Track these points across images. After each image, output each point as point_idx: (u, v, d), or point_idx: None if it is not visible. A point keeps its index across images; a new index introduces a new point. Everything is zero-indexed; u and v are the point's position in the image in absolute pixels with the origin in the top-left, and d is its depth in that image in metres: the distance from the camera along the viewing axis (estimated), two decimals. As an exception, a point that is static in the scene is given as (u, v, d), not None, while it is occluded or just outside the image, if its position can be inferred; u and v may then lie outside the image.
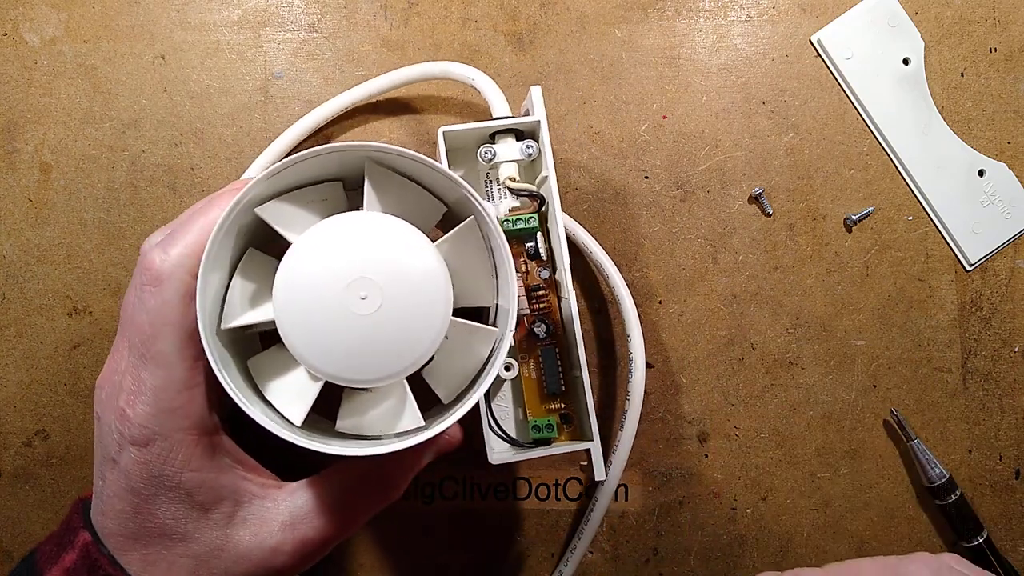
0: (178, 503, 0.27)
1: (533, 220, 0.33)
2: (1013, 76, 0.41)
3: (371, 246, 0.26)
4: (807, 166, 0.40)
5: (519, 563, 0.39)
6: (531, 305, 0.34)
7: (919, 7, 0.41)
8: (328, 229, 0.26)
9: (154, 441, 0.27)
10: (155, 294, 0.26)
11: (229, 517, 0.28)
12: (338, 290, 0.25)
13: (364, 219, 0.27)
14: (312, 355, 0.26)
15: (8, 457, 0.39)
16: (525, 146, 0.33)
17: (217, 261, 0.27)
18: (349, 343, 0.25)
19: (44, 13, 0.39)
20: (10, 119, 0.39)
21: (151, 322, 0.26)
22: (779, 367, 0.40)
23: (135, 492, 0.27)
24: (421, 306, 0.26)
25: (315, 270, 0.26)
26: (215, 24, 0.40)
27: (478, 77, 0.35)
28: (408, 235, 0.27)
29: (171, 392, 0.27)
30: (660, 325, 0.40)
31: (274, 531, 0.28)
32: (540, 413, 0.34)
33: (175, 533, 0.28)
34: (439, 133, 0.32)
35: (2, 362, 0.39)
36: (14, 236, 0.39)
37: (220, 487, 0.28)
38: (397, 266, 0.26)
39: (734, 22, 0.41)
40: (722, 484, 0.39)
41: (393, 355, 0.26)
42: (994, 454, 0.40)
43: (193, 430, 0.27)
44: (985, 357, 0.40)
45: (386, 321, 0.26)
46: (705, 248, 0.40)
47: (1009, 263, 0.41)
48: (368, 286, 0.26)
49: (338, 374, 0.26)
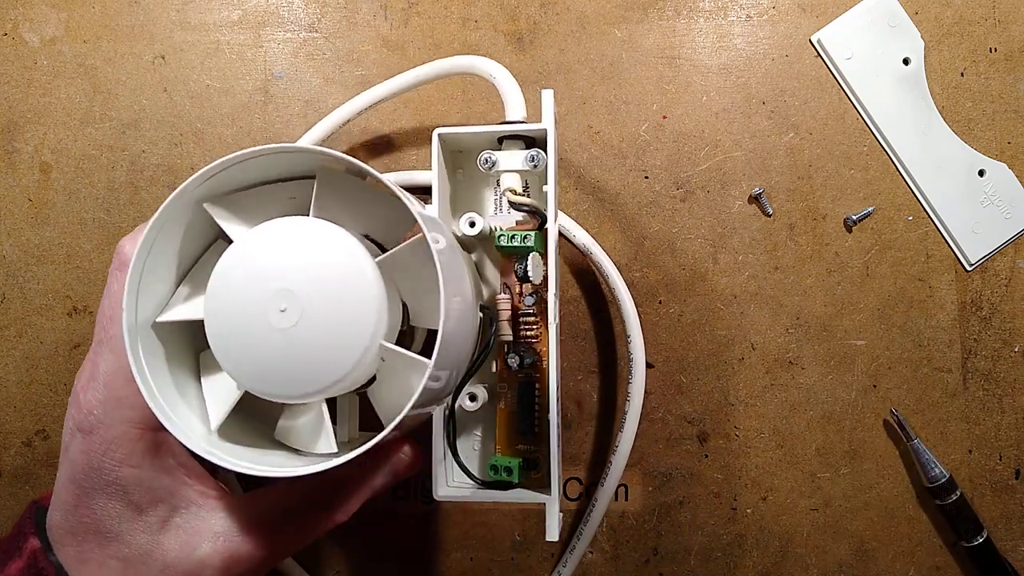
0: (114, 500, 0.27)
1: (530, 239, 0.30)
2: (1013, 76, 0.41)
3: (300, 256, 0.24)
4: (807, 166, 0.40)
5: (519, 563, 0.39)
6: (518, 332, 0.31)
7: (919, 7, 0.41)
8: (261, 234, 0.25)
9: (97, 430, 0.26)
10: (118, 279, 0.26)
11: (163, 522, 0.27)
12: (260, 300, 0.24)
13: (299, 226, 0.25)
14: (229, 363, 0.24)
15: (8, 457, 0.39)
16: (530, 156, 0.30)
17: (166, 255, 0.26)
18: (265, 357, 0.24)
19: (44, 13, 0.39)
20: (10, 119, 0.39)
21: (110, 305, 0.26)
22: (779, 367, 0.40)
23: (77, 483, 0.27)
24: (344, 328, 0.24)
25: (240, 275, 0.24)
26: (215, 24, 0.40)
27: (499, 75, 0.33)
28: (342, 246, 0.25)
29: (120, 379, 0.26)
30: (660, 325, 0.40)
31: (204, 543, 0.27)
32: (508, 452, 0.32)
33: (109, 531, 0.27)
34: (434, 135, 0.30)
35: (2, 362, 0.39)
36: (14, 236, 0.39)
37: (158, 488, 0.27)
38: (324, 279, 0.24)
39: (734, 22, 0.41)
40: (722, 484, 0.39)
41: (308, 374, 0.24)
42: (994, 454, 0.40)
43: (139, 423, 0.26)
44: (985, 357, 0.40)
45: (303, 338, 0.24)
46: (705, 248, 0.40)
47: (1009, 263, 0.41)
48: (289, 299, 0.24)
49: (252, 386, 0.25)
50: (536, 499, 0.30)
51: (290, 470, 0.25)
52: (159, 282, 0.27)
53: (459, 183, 0.33)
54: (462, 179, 0.34)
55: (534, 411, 0.32)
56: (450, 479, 0.32)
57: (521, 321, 0.31)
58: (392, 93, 0.37)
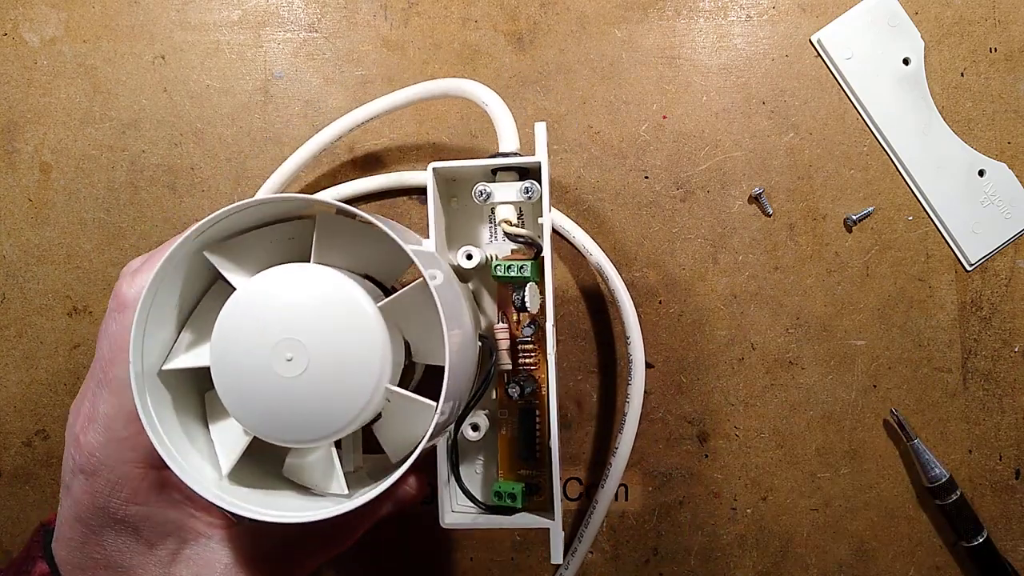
0: (124, 536, 0.27)
1: (527, 268, 0.30)
2: (1013, 76, 0.41)
3: (304, 305, 0.25)
4: (807, 166, 0.40)
5: (519, 563, 0.39)
6: (517, 360, 0.31)
7: (919, 7, 0.41)
8: (264, 282, 0.25)
9: (100, 472, 0.26)
10: (118, 320, 0.26)
11: (174, 555, 0.28)
12: (266, 349, 0.24)
13: (301, 273, 0.25)
14: (238, 410, 0.25)
15: (8, 457, 0.39)
16: (524, 188, 0.30)
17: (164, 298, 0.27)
18: (272, 404, 0.25)
19: (44, 13, 0.39)
20: (10, 119, 0.39)
21: (109, 347, 0.26)
22: (779, 367, 0.40)
23: (83, 522, 0.27)
24: (349, 374, 0.24)
25: (246, 325, 0.25)
26: (215, 24, 0.40)
27: (492, 103, 0.32)
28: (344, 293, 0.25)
29: (120, 421, 0.26)
30: (660, 325, 0.40)
31: (215, 573, 0.28)
32: (510, 477, 0.32)
33: (120, 566, 0.27)
34: (428, 169, 0.30)
35: (2, 362, 0.39)
36: (14, 236, 0.39)
37: (166, 523, 0.27)
38: (328, 327, 0.25)
39: (734, 22, 0.41)
40: (722, 484, 0.39)
41: (315, 421, 0.25)
42: (994, 454, 0.40)
43: (140, 463, 0.27)
44: (985, 357, 0.40)
45: (310, 386, 0.24)
46: (705, 248, 0.40)
47: (1009, 263, 0.41)
48: (295, 348, 0.24)
49: (262, 432, 0.25)
50: (540, 523, 0.30)
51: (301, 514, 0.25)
52: (161, 328, 0.27)
53: (454, 212, 0.34)
54: (456, 207, 0.34)
55: (535, 437, 0.32)
56: (454, 504, 0.32)
57: (519, 350, 0.32)
58: (381, 112, 0.37)
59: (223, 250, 0.27)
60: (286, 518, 0.25)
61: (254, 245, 0.28)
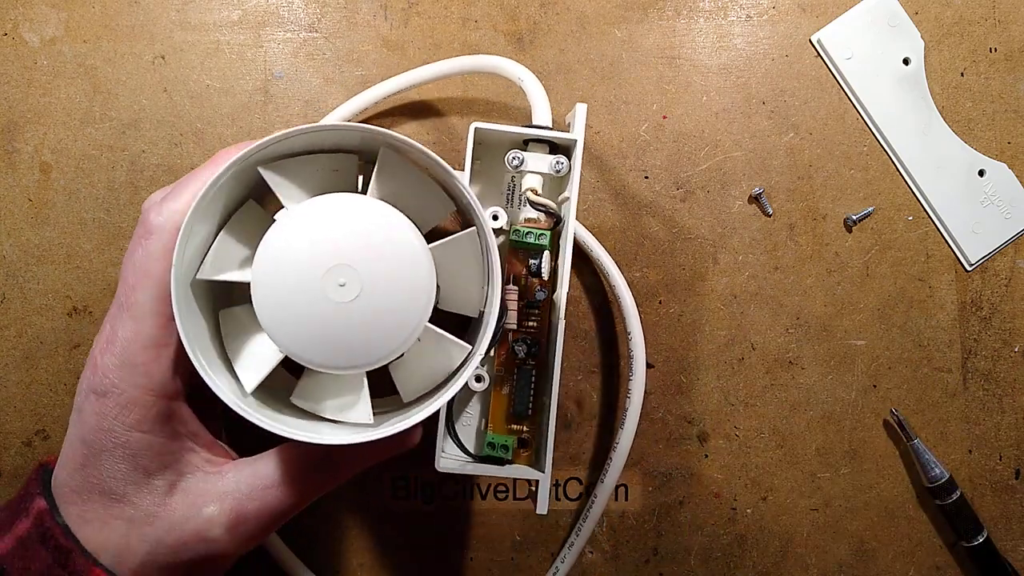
0: (122, 462, 0.27)
1: (544, 237, 0.32)
2: (1013, 76, 0.41)
3: (360, 233, 0.25)
4: (807, 166, 0.40)
5: (519, 563, 0.39)
6: (521, 322, 0.33)
7: (919, 7, 0.41)
8: (320, 207, 0.26)
9: (111, 393, 0.27)
10: (144, 246, 0.27)
11: (171, 486, 0.28)
12: (318, 272, 0.25)
13: (358, 203, 0.26)
14: (279, 331, 0.25)
15: (8, 457, 0.39)
16: (555, 161, 0.32)
17: (207, 215, 0.27)
18: (319, 328, 0.25)
19: (44, 13, 0.39)
20: (10, 119, 0.39)
21: (134, 272, 0.27)
22: (779, 367, 0.40)
23: (86, 443, 0.27)
24: (399, 304, 0.25)
25: (298, 247, 0.25)
26: (215, 24, 0.40)
27: (527, 78, 0.34)
28: (400, 229, 0.26)
29: (137, 346, 0.27)
30: (660, 325, 0.40)
31: (210, 503, 0.28)
32: (501, 431, 0.33)
33: (114, 492, 0.27)
34: (470, 128, 0.31)
35: (2, 362, 0.39)
36: (14, 236, 0.39)
37: (166, 454, 0.28)
38: (382, 259, 0.25)
39: (734, 22, 0.41)
40: (722, 484, 0.39)
41: (360, 348, 0.25)
42: (994, 454, 0.40)
43: (151, 390, 0.27)
44: (985, 357, 0.40)
45: (360, 312, 0.25)
46: (705, 248, 0.40)
47: (1009, 263, 0.41)
48: (349, 274, 0.25)
49: (302, 355, 0.25)
50: (530, 475, 0.32)
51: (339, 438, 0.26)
52: (192, 242, 0.27)
53: (475, 174, 0.35)
54: (479, 170, 0.35)
55: (530, 394, 0.33)
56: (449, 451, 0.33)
57: (527, 313, 0.33)
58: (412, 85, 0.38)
59: (273, 169, 0.28)
60: (311, 437, 0.25)
61: (300, 171, 0.28)
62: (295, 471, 0.29)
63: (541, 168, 0.32)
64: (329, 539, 0.39)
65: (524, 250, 0.33)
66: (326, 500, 0.39)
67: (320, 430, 0.27)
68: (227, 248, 0.28)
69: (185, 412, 0.28)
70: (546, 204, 0.32)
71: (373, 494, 0.39)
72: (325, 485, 0.29)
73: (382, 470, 0.39)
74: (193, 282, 0.27)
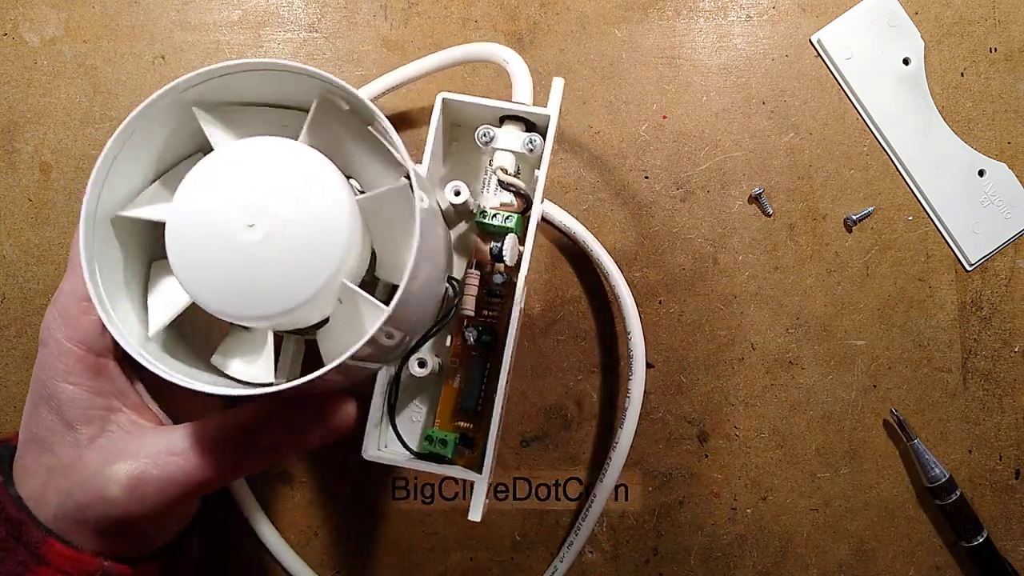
0: (51, 413, 0.27)
1: (511, 220, 0.30)
2: (1013, 76, 0.41)
3: (279, 175, 0.24)
4: (807, 166, 0.40)
5: (519, 563, 0.39)
6: (480, 310, 0.31)
7: (919, 7, 0.41)
8: (246, 147, 0.24)
9: (48, 344, 0.27)
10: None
11: (90, 440, 0.28)
12: (229, 213, 0.23)
13: (285, 146, 0.24)
14: (184, 272, 0.24)
15: (8, 457, 0.39)
16: (528, 139, 0.30)
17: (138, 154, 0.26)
18: (223, 269, 0.23)
19: (44, 13, 0.39)
20: (10, 119, 0.39)
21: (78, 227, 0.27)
22: (779, 367, 0.40)
23: (32, 396, 0.28)
24: (311, 250, 0.23)
25: (215, 183, 0.24)
26: (215, 24, 0.40)
27: (512, 59, 0.33)
28: (325, 176, 0.24)
29: (72, 299, 0.27)
30: (660, 325, 0.40)
31: (118, 461, 0.27)
32: (446, 427, 0.31)
33: (43, 441, 0.28)
34: (437, 98, 0.30)
35: (2, 362, 0.39)
36: (14, 236, 0.39)
37: (91, 407, 0.28)
38: (299, 202, 0.23)
39: (734, 22, 0.41)
40: (722, 484, 0.39)
41: (264, 295, 0.23)
42: (994, 454, 0.40)
43: (81, 342, 0.27)
44: (985, 357, 0.40)
45: (267, 256, 0.23)
46: (705, 248, 0.40)
47: (1009, 263, 0.41)
48: (260, 214, 0.23)
49: (204, 298, 0.24)
50: (466, 475, 0.30)
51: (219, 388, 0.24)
52: (128, 181, 0.26)
53: (450, 156, 0.33)
54: (455, 152, 0.33)
55: (480, 390, 0.31)
56: (381, 444, 0.31)
57: (486, 300, 0.31)
58: (405, 80, 0.37)
59: (213, 112, 0.26)
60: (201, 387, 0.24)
61: (244, 119, 0.27)
62: (208, 443, 0.28)
63: (513, 146, 0.31)
64: (329, 539, 0.39)
65: (493, 235, 0.31)
66: (327, 500, 0.39)
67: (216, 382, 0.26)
68: (158, 193, 0.27)
69: (112, 369, 0.28)
70: (515, 184, 0.31)
71: (373, 494, 0.39)
72: (240, 462, 0.28)
73: (382, 470, 0.39)
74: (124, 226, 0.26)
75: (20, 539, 0.27)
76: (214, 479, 0.28)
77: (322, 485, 0.39)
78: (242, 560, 0.39)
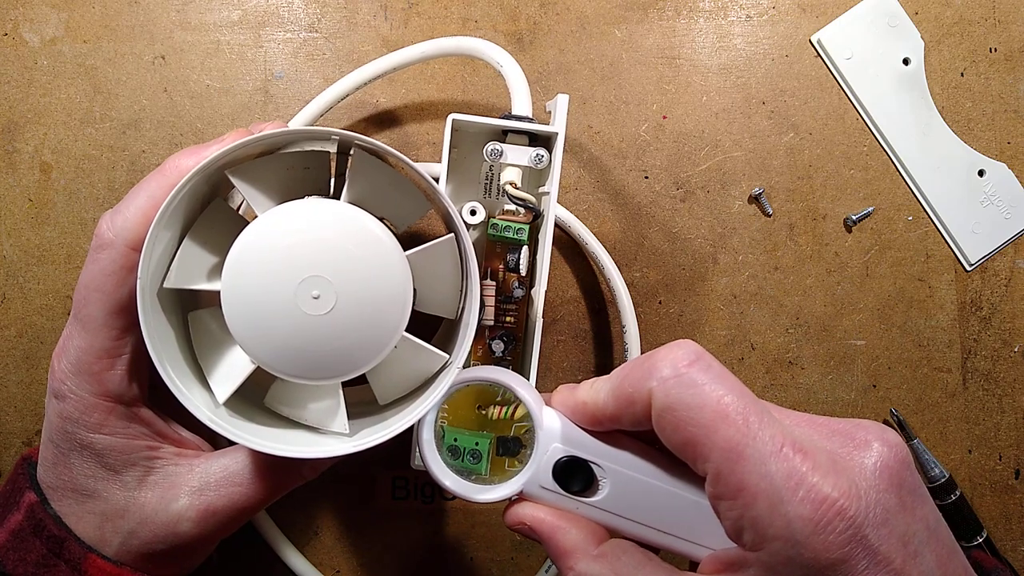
0: (89, 461, 0.28)
1: (523, 232, 0.31)
2: (1013, 76, 0.41)
3: (333, 242, 0.24)
4: (807, 166, 0.40)
5: (519, 563, 0.39)
6: (498, 318, 0.32)
7: (919, 7, 0.41)
8: (291, 214, 0.25)
9: (68, 398, 0.27)
10: (95, 261, 0.27)
11: (140, 480, 0.28)
12: (291, 285, 0.24)
13: (332, 210, 0.25)
14: (252, 344, 0.24)
15: (8, 457, 0.39)
16: (536, 154, 0.31)
17: (171, 223, 0.26)
18: (293, 341, 0.24)
19: (44, 13, 0.39)
20: (10, 119, 0.39)
21: (86, 286, 0.27)
22: (779, 367, 0.40)
23: (55, 444, 0.28)
24: (375, 315, 0.25)
25: (270, 258, 0.24)
26: (215, 24, 0.40)
27: (507, 64, 0.32)
28: (376, 237, 0.25)
29: (91, 356, 0.27)
30: (660, 325, 0.40)
31: (180, 497, 0.28)
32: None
33: (85, 489, 0.28)
34: (448, 120, 0.30)
35: (2, 362, 0.39)
36: (14, 236, 0.39)
37: (132, 452, 0.28)
38: (357, 269, 0.24)
39: (734, 22, 0.41)
40: (722, 484, 0.39)
41: (335, 361, 0.25)
42: (994, 454, 0.40)
43: (107, 396, 0.27)
44: (985, 357, 0.40)
45: (335, 325, 0.24)
46: (705, 248, 0.40)
47: (1009, 263, 0.41)
48: (323, 285, 0.24)
49: (276, 367, 0.25)
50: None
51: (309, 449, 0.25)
52: (160, 244, 0.27)
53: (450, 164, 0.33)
54: (454, 157, 0.34)
55: None
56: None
57: (503, 308, 0.32)
58: (393, 67, 0.36)
59: (241, 172, 0.27)
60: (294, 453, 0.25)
61: (269, 171, 0.27)
62: (263, 468, 0.29)
63: (521, 161, 0.31)
64: (330, 539, 0.39)
65: (502, 243, 0.32)
66: (327, 500, 0.39)
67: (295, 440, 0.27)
68: (193, 254, 0.27)
69: (146, 414, 0.29)
70: (525, 199, 0.31)
71: (373, 494, 0.39)
72: (292, 482, 0.30)
73: (382, 470, 0.39)
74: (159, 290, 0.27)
75: (61, 555, 0.27)
76: (268, 500, 0.29)
77: (322, 485, 0.39)
78: (243, 560, 0.39)
